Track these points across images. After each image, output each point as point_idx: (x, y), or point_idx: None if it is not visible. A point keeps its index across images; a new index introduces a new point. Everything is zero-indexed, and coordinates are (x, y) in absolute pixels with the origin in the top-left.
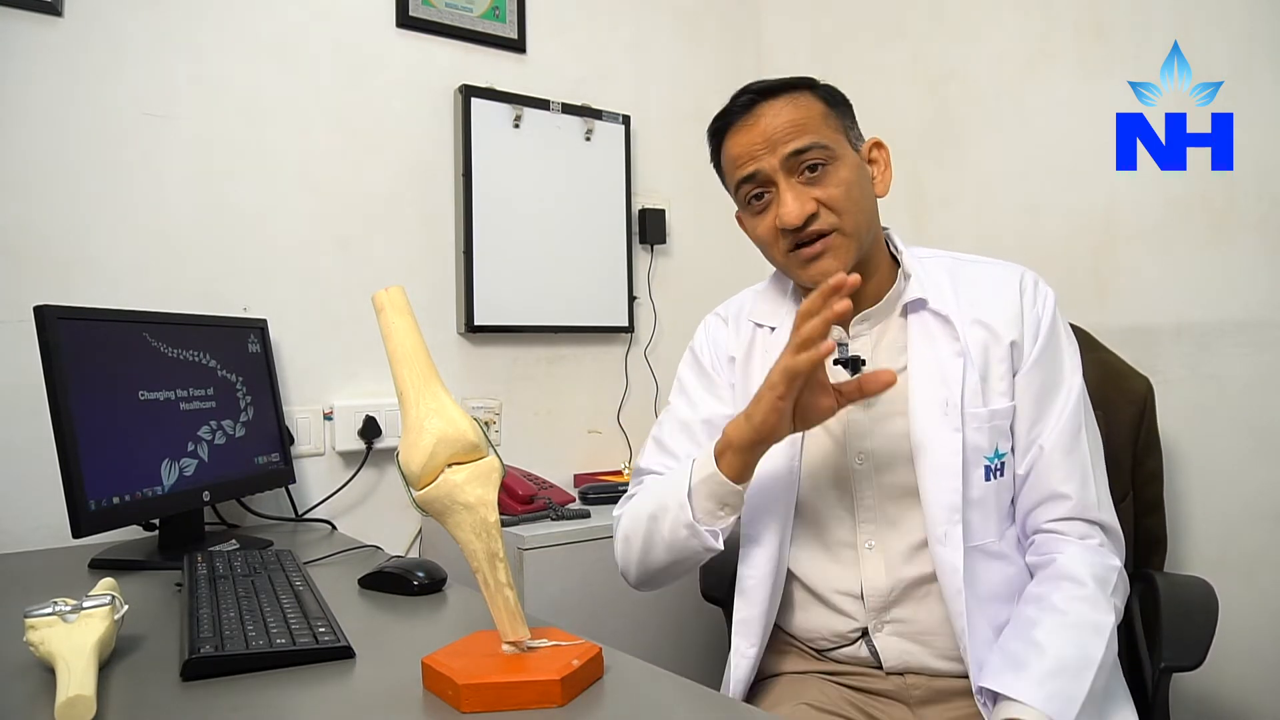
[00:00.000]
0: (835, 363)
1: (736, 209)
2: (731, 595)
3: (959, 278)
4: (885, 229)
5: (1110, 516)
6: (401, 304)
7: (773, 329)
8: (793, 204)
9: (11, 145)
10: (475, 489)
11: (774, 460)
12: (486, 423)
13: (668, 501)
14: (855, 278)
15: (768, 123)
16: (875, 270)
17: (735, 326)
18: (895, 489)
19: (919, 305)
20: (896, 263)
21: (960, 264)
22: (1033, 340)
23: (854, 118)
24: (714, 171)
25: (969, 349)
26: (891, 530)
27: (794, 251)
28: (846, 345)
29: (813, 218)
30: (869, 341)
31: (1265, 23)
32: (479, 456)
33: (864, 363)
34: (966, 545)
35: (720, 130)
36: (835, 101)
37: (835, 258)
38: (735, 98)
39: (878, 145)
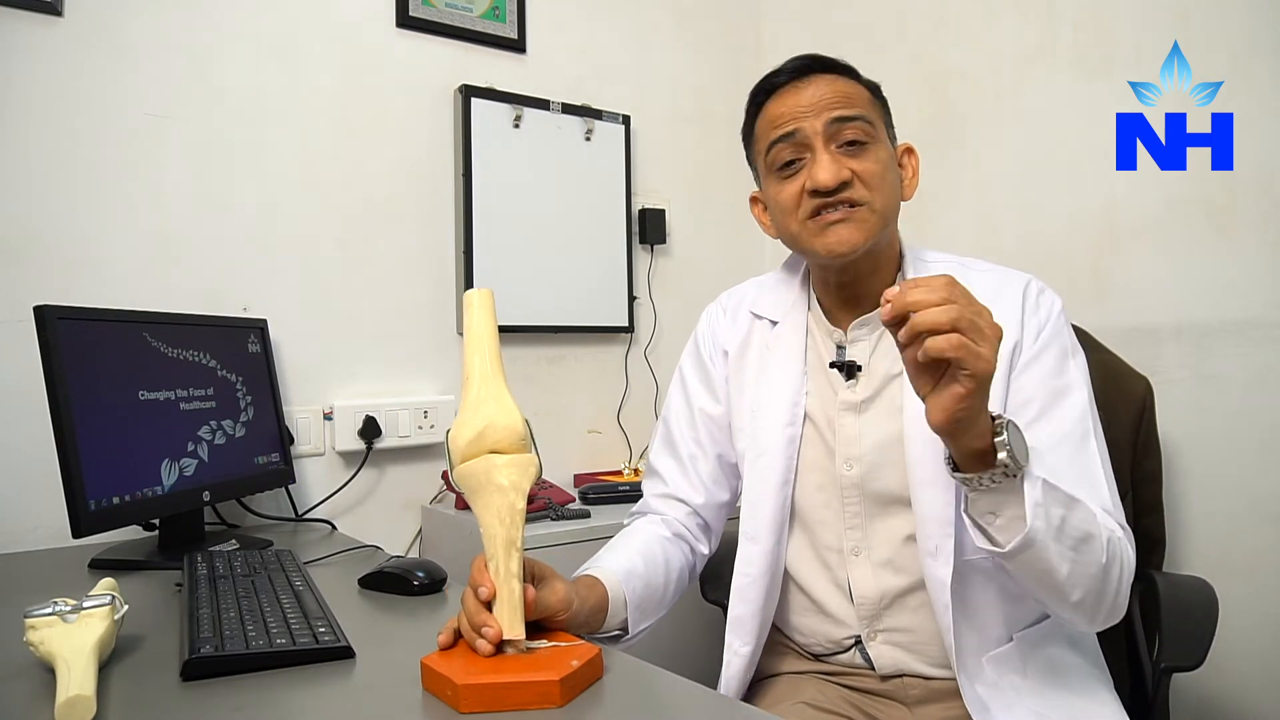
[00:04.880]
0: (831, 365)
1: (748, 195)
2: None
3: (963, 284)
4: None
5: (1123, 521)
6: (488, 303)
7: (774, 323)
8: (829, 165)
9: (12, 145)
10: (512, 473)
11: (772, 458)
12: None
13: None
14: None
15: (817, 88)
16: (883, 267)
17: (733, 318)
18: (883, 496)
19: None
20: (900, 265)
21: (966, 270)
22: (1030, 345)
23: (891, 120)
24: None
25: None
26: (878, 537)
27: (815, 217)
28: (844, 349)
29: (845, 185)
30: (867, 347)
31: (1265, 23)
32: (523, 452)
33: (860, 368)
34: (959, 559)
35: (764, 91)
36: (879, 96)
37: (858, 229)
38: (787, 62)
39: (909, 151)
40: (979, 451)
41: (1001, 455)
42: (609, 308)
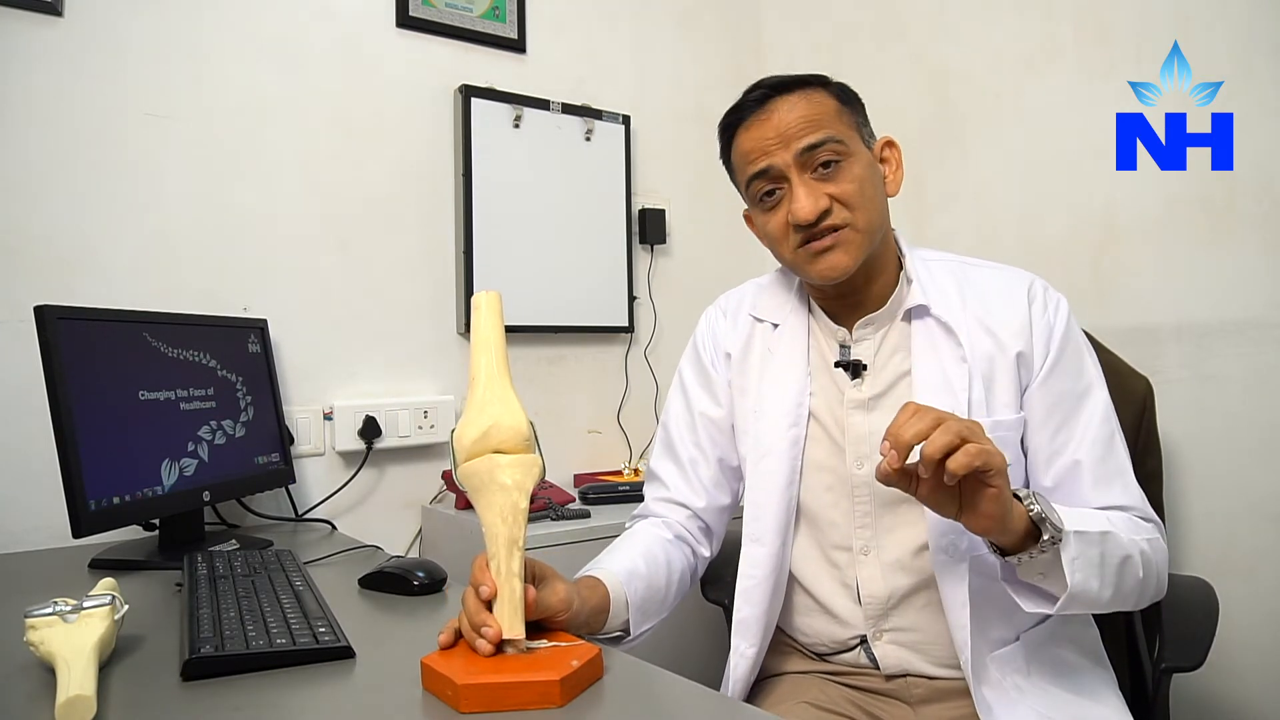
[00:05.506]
0: (836, 365)
1: (743, 208)
2: (732, 595)
3: (965, 283)
4: (892, 230)
5: (1150, 510)
6: (495, 306)
7: (775, 325)
8: (805, 199)
9: (12, 145)
10: (515, 473)
11: (776, 460)
12: None
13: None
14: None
15: (781, 117)
16: (882, 272)
17: (734, 321)
18: (894, 495)
19: (922, 311)
20: (902, 265)
21: (967, 268)
22: (1044, 352)
23: (866, 116)
24: (716, 170)
25: (973, 356)
26: (889, 536)
27: (804, 246)
28: (849, 349)
29: (825, 213)
30: (871, 346)
31: (1265, 23)
32: (527, 452)
33: (865, 367)
34: (971, 555)
35: (731, 125)
36: (848, 99)
37: (846, 253)
38: (748, 93)
39: (889, 144)
40: (1023, 532)
41: (1046, 535)
42: (609, 308)
